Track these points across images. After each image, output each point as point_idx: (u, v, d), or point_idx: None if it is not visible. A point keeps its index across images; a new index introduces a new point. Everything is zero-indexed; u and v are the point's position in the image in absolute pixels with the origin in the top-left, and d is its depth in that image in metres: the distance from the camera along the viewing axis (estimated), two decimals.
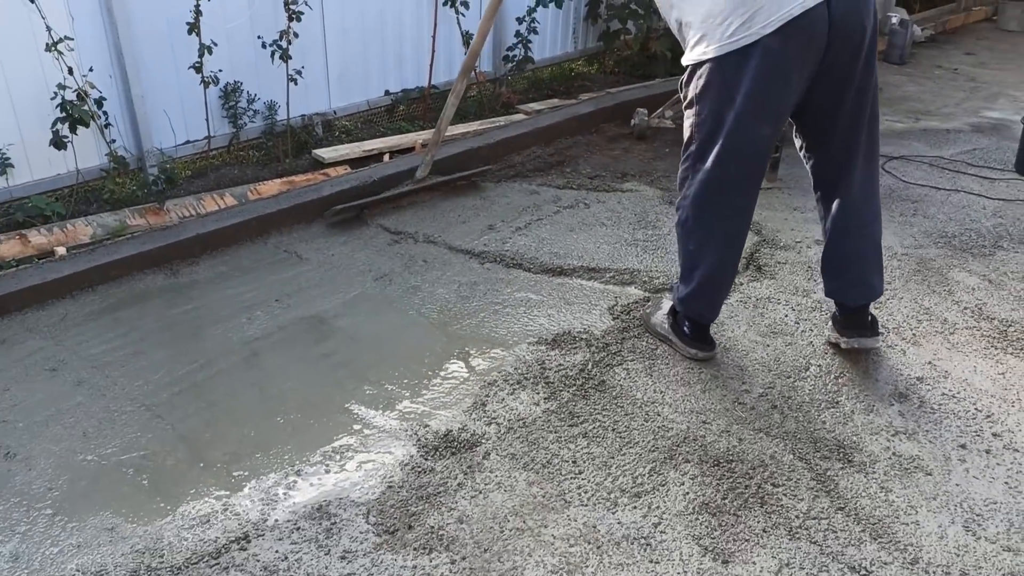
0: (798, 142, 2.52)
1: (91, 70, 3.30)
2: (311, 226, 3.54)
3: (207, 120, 3.81)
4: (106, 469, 2.17)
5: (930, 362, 2.66)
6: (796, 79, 2.18)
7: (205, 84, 3.70)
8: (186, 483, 2.13)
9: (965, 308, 2.97)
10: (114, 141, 3.52)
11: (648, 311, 2.83)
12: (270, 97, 4.06)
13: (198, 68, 3.64)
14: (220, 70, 3.75)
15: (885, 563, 1.91)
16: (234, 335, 2.76)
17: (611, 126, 4.79)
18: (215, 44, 3.62)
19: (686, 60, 2.31)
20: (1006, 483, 2.16)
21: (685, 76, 2.32)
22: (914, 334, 2.81)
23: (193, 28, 3.56)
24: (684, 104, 2.37)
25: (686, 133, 2.40)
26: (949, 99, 5.53)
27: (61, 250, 3.09)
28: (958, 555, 1.94)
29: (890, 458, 2.24)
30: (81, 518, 2.01)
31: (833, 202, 2.47)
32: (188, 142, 3.86)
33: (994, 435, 2.34)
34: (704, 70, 2.23)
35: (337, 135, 4.39)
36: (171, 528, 1.98)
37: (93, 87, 3.28)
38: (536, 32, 4.90)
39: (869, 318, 2.61)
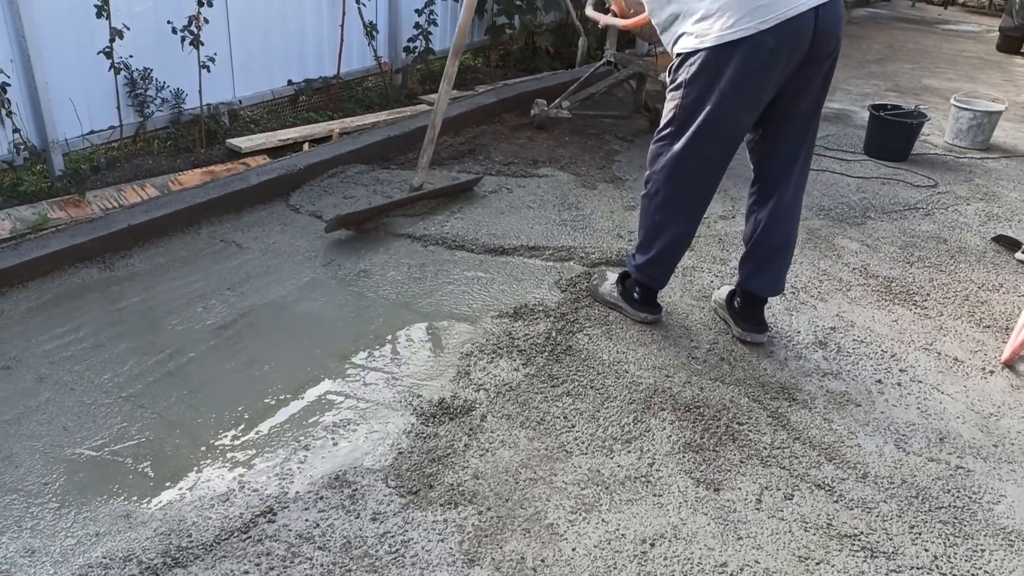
0: (749, 135, 2.69)
1: None
2: (241, 215, 3.49)
3: (118, 108, 3.64)
4: (101, 460, 2.11)
5: (837, 314, 3.07)
6: (779, 73, 2.39)
7: (116, 71, 3.53)
8: (193, 466, 2.11)
9: (854, 268, 3.43)
10: (18, 131, 3.29)
11: (595, 283, 3.05)
12: (177, 85, 3.92)
13: (108, 53, 3.48)
14: (131, 56, 3.60)
15: (843, 479, 2.25)
16: (195, 324, 2.71)
17: (512, 116, 4.99)
18: (127, 28, 3.47)
19: (679, 49, 2.46)
20: (918, 408, 2.58)
21: (676, 62, 2.49)
22: (819, 292, 3.22)
23: (102, 11, 3.40)
24: (671, 87, 2.53)
25: (667, 114, 2.56)
26: None
27: None
28: (896, 468, 2.31)
29: (825, 395, 2.60)
30: (92, 509, 1.96)
31: (771, 196, 2.68)
32: (93, 132, 3.66)
33: (900, 371, 2.76)
34: (697, 58, 2.40)
35: (245, 124, 4.31)
36: (191, 509, 1.98)
37: (0, 71, 3.06)
38: (436, 24, 5.01)
39: (763, 313, 2.84)
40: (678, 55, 2.47)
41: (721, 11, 2.31)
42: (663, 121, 2.59)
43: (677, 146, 2.53)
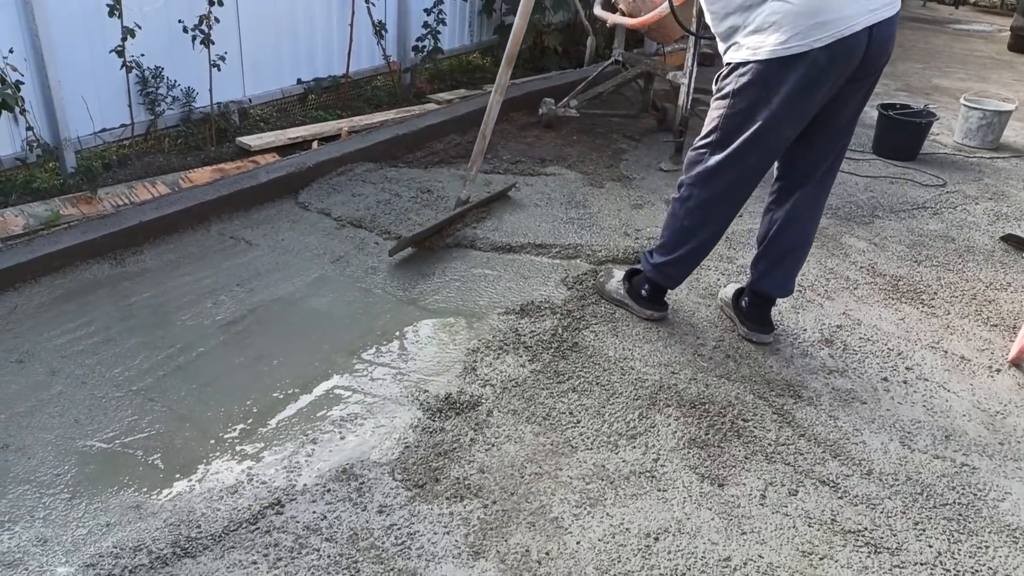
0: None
1: (11, 51, 3.12)
2: (251, 212, 3.52)
3: (129, 107, 3.68)
4: (113, 453, 2.14)
5: (844, 312, 3.07)
6: (828, 89, 2.37)
7: (128, 69, 3.57)
8: (202, 459, 2.14)
9: (861, 267, 3.43)
10: (31, 128, 3.33)
11: (601, 280, 3.06)
12: (187, 83, 3.96)
13: (120, 52, 3.51)
14: (142, 55, 3.64)
15: (847, 476, 2.25)
16: (205, 319, 2.74)
17: (520, 115, 5.00)
18: (138, 27, 3.51)
19: (731, 58, 2.42)
20: (924, 406, 2.58)
21: (725, 71, 2.45)
22: (826, 290, 3.22)
23: (114, 10, 3.44)
24: (717, 95, 2.49)
25: (711, 122, 2.51)
26: None
27: None
28: (901, 465, 2.31)
29: (831, 392, 2.60)
30: (103, 499, 1.99)
31: (791, 196, 2.66)
32: (105, 129, 3.70)
33: (907, 369, 2.76)
34: (749, 69, 2.34)
35: (254, 123, 4.34)
36: (200, 501, 2.00)
37: (15, 69, 3.10)
38: (444, 23, 5.04)
39: (770, 315, 2.84)
40: (727, 64, 2.42)
41: (776, 26, 2.26)
42: (705, 129, 2.53)
43: (718, 155, 2.49)
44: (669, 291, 2.92)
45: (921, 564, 1.98)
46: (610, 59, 4.92)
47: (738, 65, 2.38)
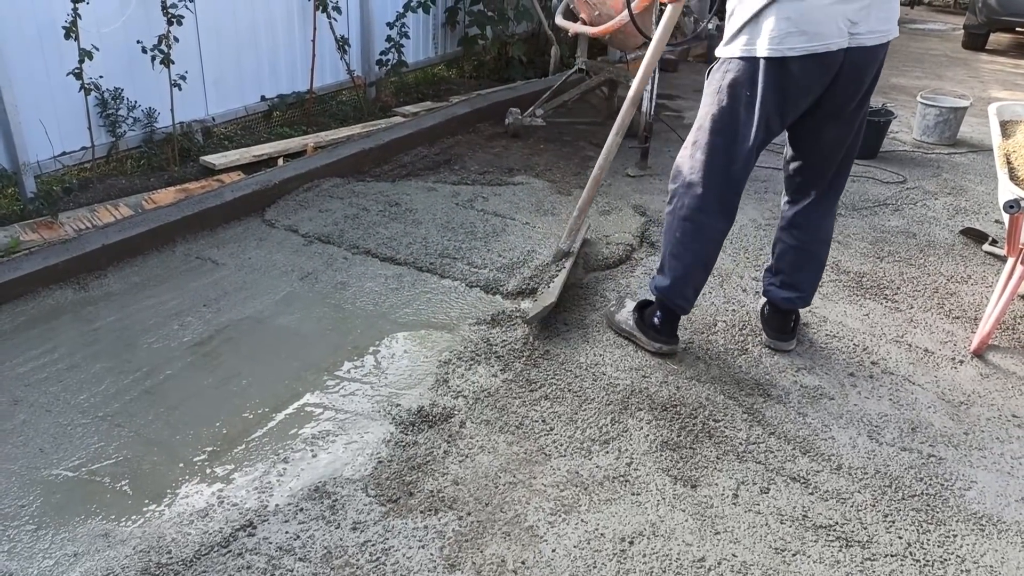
0: (788, 151, 2.65)
1: None
2: (216, 232, 3.49)
3: (89, 129, 3.63)
4: (79, 481, 2.10)
5: (810, 310, 3.11)
6: (804, 97, 2.37)
7: (86, 91, 3.53)
8: (171, 483, 2.11)
9: (826, 265, 3.46)
10: None
11: (612, 310, 2.95)
12: (148, 104, 3.93)
13: (78, 74, 3.47)
14: (101, 76, 3.60)
15: (817, 471, 2.28)
16: (171, 341, 2.71)
17: (487, 125, 5.03)
18: (96, 49, 3.47)
19: (719, 52, 2.43)
20: (890, 399, 2.62)
21: (715, 64, 2.46)
22: None
23: (70, 32, 3.40)
24: (706, 90, 2.48)
25: (698, 120, 2.49)
26: None
27: None
28: (870, 458, 2.34)
29: (799, 389, 2.63)
30: (70, 529, 1.95)
31: (796, 206, 2.67)
32: (65, 153, 3.65)
33: (872, 363, 2.80)
34: (732, 67, 2.37)
35: (219, 141, 4.31)
36: (170, 526, 1.98)
37: None
38: (408, 36, 5.05)
39: (792, 323, 2.84)
40: (717, 58, 2.44)
41: (765, 28, 2.27)
42: (696, 128, 2.51)
43: (701, 160, 2.47)
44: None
45: (891, 556, 2.01)
46: (574, 68, 4.96)
47: (724, 61, 2.41)
